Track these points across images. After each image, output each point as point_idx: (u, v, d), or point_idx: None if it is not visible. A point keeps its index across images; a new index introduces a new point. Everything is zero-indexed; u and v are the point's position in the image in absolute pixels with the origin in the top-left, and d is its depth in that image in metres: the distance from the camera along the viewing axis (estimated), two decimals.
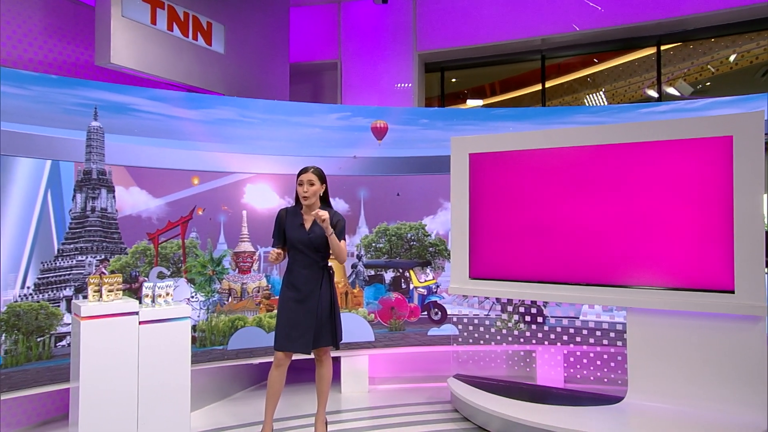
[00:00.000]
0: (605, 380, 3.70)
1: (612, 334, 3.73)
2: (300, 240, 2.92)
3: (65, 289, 3.20)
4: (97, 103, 3.31)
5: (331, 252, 2.95)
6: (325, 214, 2.74)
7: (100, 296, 2.62)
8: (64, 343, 3.15)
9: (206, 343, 3.64)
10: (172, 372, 2.70)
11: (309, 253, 2.92)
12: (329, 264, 3.03)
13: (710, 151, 2.99)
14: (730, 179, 2.92)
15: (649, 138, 3.15)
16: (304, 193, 2.91)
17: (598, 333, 3.78)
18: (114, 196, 3.39)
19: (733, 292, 2.90)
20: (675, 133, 3.09)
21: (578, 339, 3.82)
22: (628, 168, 3.22)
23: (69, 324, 3.13)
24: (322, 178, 2.98)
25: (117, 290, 2.62)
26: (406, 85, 5.05)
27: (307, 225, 2.95)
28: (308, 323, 2.86)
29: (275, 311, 3.84)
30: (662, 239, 3.11)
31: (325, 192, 3.04)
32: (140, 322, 2.63)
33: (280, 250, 2.89)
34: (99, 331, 2.53)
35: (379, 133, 4.16)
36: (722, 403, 2.91)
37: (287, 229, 2.94)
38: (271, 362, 3.84)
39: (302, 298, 2.88)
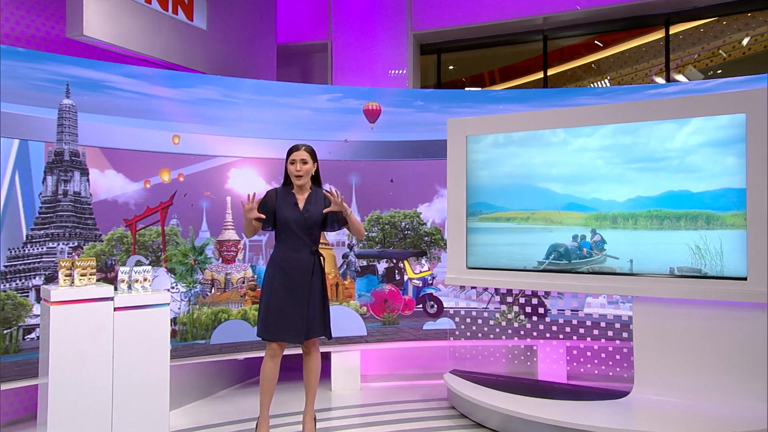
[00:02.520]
0: (610, 374, 3.69)
1: (617, 326, 3.72)
2: (294, 220, 2.87)
3: (35, 278, 3.13)
4: (69, 79, 3.24)
5: (348, 228, 2.97)
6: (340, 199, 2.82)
7: (72, 281, 2.55)
8: (33, 335, 3.08)
9: (187, 337, 3.58)
10: (149, 363, 2.65)
11: (302, 234, 2.88)
12: (320, 251, 2.99)
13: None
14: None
15: (658, 117, 3.14)
16: (297, 171, 2.87)
17: (603, 324, 3.76)
18: (88, 179, 3.32)
19: (745, 279, 2.90)
20: (685, 111, 3.07)
21: (582, 331, 3.81)
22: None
23: (38, 315, 3.06)
24: (314, 156, 2.96)
25: (90, 274, 2.56)
26: (401, 71, 5.02)
27: (301, 205, 2.91)
28: (300, 312, 2.82)
29: None
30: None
31: (317, 172, 3.01)
32: (115, 309, 2.57)
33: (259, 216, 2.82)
34: (70, 317, 2.47)
35: (372, 115, 4.12)
36: (733, 396, 2.91)
37: (279, 209, 2.89)
38: (258, 357, 3.83)
39: (293, 285, 2.84)
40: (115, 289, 2.68)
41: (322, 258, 2.97)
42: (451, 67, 5.64)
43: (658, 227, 3.14)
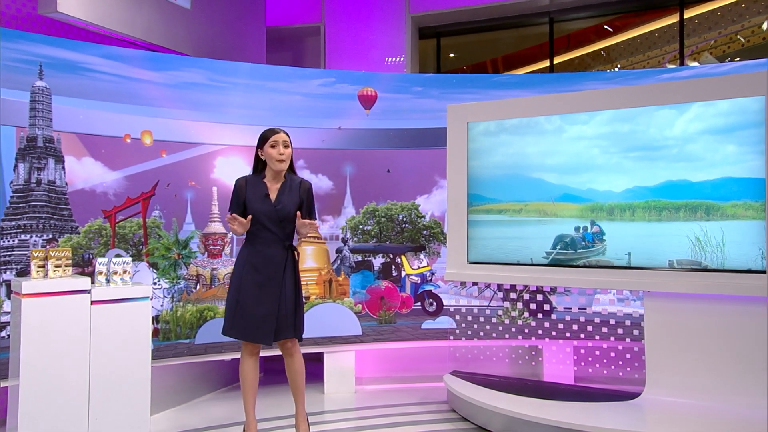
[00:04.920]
0: (620, 374, 3.68)
1: (627, 323, 3.71)
2: (266, 213, 2.80)
3: (5, 272, 3.09)
4: (42, 59, 3.20)
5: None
6: (312, 226, 2.84)
7: (46, 273, 2.52)
8: (3, 334, 3.04)
9: (170, 336, 3.54)
10: (129, 361, 2.61)
11: (274, 228, 2.82)
12: (295, 245, 2.94)
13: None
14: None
15: (671, 101, 3.12)
16: (280, 155, 2.81)
17: (612, 322, 3.75)
18: (63, 167, 3.28)
19: (763, 272, 2.89)
20: (700, 94, 3.06)
21: (590, 329, 3.79)
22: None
23: (9, 313, 3.01)
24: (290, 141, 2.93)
25: (65, 266, 2.53)
26: (398, 58, 4.99)
27: (273, 196, 2.85)
28: (269, 310, 2.76)
29: None
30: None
31: (291, 159, 2.95)
32: (93, 302, 2.53)
33: (244, 220, 2.75)
34: (43, 311, 2.43)
35: (368, 101, 4.10)
36: (752, 397, 2.89)
37: (250, 201, 2.82)
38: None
39: (263, 281, 2.78)
40: (93, 281, 2.64)
41: (296, 253, 2.91)
42: (451, 55, 5.62)
43: (656, 219, 3.14)
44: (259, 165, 2.93)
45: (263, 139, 2.87)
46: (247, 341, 2.82)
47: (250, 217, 2.77)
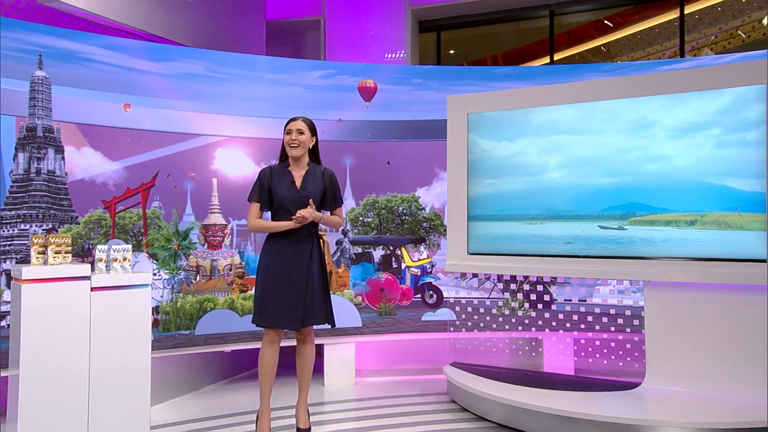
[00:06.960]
0: (620, 364, 3.68)
1: (627, 313, 3.71)
2: (291, 200, 2.84)
3: (5, 261, 3.08)
4: (42, 49, 3.19)
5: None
6: (308, 212, 2.77)
7: (45, 260, 2.51)
8: (3, 323, 3.04)
9: (170, 327, 3.54)
10: (129, 348, 2.61)
11: None
12: (321, 233, 2.96)
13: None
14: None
15: (671, 90, 3.12)
16: (293, 141, 2.84)
17: (612, 312, 3.75)
18: (63, 157, 3.27)
19: (764, 261, 2.89)
20: (700, 84, 3.06)
21: (590, 319, 3.79)
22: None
23: (9, 303, 3.01)
24: (312, 129, 2.93)
25: (65, 253, 2.52)
26: (399, 54, 4.99)
27: (298, 183, 2.88)
28: (296, 297, 2.79)
29: (249, 292, 3.78)
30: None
31: (315, 146, 2.97)
32: (93, 289, 2.52)
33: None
34: (44, 297, 2.42)
35: (368, 93, 4.09)
36: (753, 386, 2.89)
37: (275, 189, 2.86)
38: (246, 349, 3.81)
39: (289, 269, 2.81)
40: (93, 269, 2.64)
41: (322, 241, 2.94)
42: (451, 51, 5.62)
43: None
44: (284, 153, 2.96)
45: (284, 127, 2.91)
46: (276, 328, 2.83)
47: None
